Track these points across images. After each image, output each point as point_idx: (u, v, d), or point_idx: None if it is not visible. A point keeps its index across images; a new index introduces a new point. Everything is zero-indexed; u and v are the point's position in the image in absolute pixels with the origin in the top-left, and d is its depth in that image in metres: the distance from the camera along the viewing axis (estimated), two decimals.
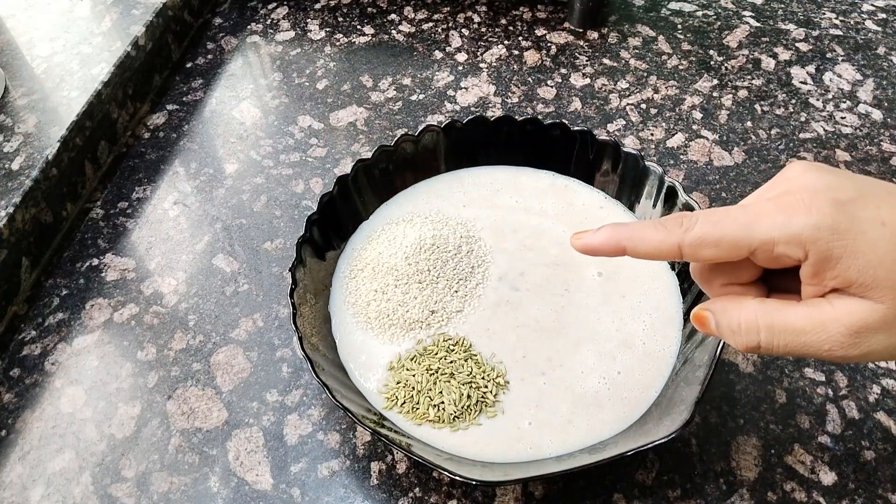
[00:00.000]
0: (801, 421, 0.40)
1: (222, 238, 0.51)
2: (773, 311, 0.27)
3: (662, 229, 0.29)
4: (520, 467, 0.37)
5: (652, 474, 0.38)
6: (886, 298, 0.25)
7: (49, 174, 0.50)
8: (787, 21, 0.67)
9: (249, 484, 0.39)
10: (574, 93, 0.61)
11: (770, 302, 0.28)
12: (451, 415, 0.39)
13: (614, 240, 0.30)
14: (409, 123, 0.59)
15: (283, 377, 0.43)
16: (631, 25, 0.68)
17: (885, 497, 0.37)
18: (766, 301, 0.28)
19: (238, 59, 0.67)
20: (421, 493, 0.38)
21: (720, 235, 0.27)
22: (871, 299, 0.25)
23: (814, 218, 0.25)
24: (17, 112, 0.54)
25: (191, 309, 0.47)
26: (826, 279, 0.25)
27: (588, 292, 0.44)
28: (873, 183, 0.27)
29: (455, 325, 0.43)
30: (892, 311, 0.25)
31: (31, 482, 0.39)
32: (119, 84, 0.58)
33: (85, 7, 0.64)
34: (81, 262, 0.50)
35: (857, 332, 0.25)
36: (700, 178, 0.53)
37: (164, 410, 0.42)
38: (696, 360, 0.38)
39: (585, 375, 0.40)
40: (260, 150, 0.58)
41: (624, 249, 0.30)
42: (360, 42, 0.67)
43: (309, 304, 0.42)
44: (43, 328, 0.46)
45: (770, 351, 0.27)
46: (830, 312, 0.26)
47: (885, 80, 0.61)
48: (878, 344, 0.25)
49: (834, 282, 0.25)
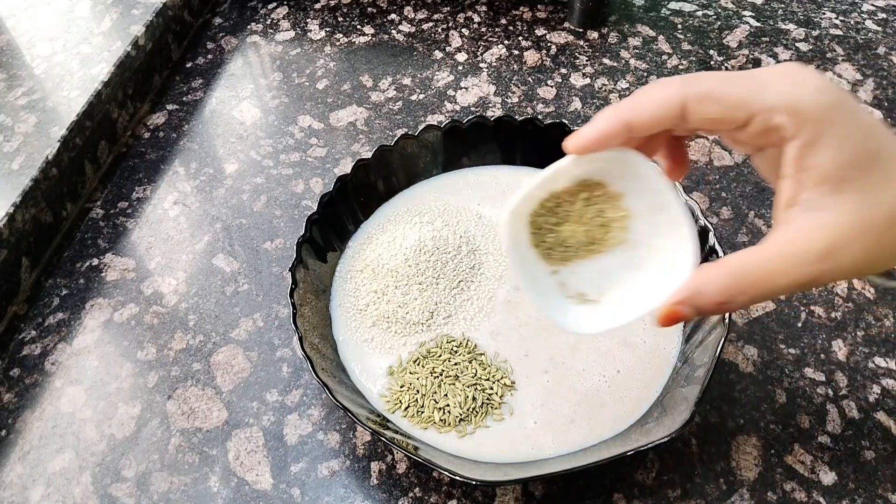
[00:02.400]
0: (801, 421, 0.40)
1: (222, 238, 0.51)
2: (750, 267, 0.27)
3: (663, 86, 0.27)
4: (520, 467, 0.37)
5: (652, 474, 0.38)
6: (850, 204, 0.25)
7: (49, 174, 0.50)
8: (787, 21, 0.67)
9: (249, 484, 0.39)
10: (574, 93, 0.61)
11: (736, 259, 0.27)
12: (456, 418, 0.39)
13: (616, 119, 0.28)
14: (409, 123, 0.59)
15: (283, 377, 0.43)
16: (631, 25, 0.68)
17: (885, 497, 0.37)
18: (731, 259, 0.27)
19: (238, 59, 0.67)
20: (421, 493, 0.38)
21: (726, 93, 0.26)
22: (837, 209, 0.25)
23: (821, 97, 0.25)
24: (17, 112, 0.54)
25: (191, 309, 0.47)
26: (804, 167, 0.25)
27: None
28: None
29: (456, 326, 0.43)
30: (859, 221, 0.25)
31: (31, 482, 0.39)
32: (119, 84, 0.58)
33: (85, 7, 0.64)
34: (81, 262, 0.50)
35: (830, 252, 0.25)
36: (700, 178, 0.53)
37: (164, 410, 0.42)
38: (696, 360, 0.38)
39: (586, 373, 0.40)
40: (260, 150, 0.58)
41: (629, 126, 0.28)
42: (360, 42, 0.67)
43: (309, 305, 0.42)
44: (43, 328, 0.46)
45: (755, 302, 0.27)
46: (802, 242, 0.26)
47: (885, 80, 0.61)
48: (850, 262, 0.25)
49: (811, 173, 0.25)
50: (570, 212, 0.33)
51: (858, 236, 0.25)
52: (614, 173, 0.32)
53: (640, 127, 0.28)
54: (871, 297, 0.45)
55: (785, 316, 0.44)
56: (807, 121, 0.25)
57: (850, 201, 0.25)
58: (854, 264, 0.26)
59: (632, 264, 0.33)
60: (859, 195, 0.25)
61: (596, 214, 0.33)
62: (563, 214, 0.33)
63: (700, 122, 0.27)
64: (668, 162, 0.33)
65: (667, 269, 0.31)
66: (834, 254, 0.25)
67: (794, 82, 0.26)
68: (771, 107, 0.25)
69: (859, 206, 0.25)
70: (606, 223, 0.33)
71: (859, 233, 0.25)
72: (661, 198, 0.31)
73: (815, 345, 0.43)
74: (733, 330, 0.44)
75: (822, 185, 0.25)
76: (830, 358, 0.42)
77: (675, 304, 0.28)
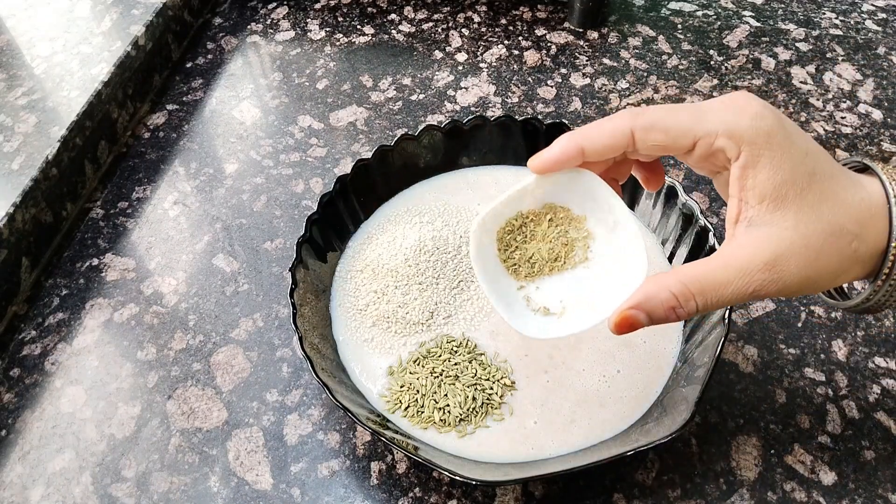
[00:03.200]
0: (801, 421, 0.40)
1: (222, 238, 0.51)
2: (699, 275, 0.29)
3: (616, 118, 0.30)
4: (520, 467, 0.37)
5: (652, 474, 0.38)
6: (789, 220, 0.27)
7: (49, 174, 0.50)
8: (787, 21, 0.67)
9: (249, 484, 0.39)
10: (574, 93, 0.61)
11: (687, 268, 0.30)
12: (456, 418, 0.39)
13: (571, 144, 0.31)
14: (409, 123, 0.59)
15: (283, 377, 0.43)
16: (631, 25, 0.68)
17: (885, 497, 0.37)
18: (682, 270, 0.30)
19: (238, 59, 0.67)
20: (421, 493, 0.38)
21: (671, 123, 0.29)
22: (777, 224, 0.28)
23: (757, 122, 0.27)
24: (17, 112, 0.54)
25: (191, 309, 0.47)
26: (747, 186, 0.28)
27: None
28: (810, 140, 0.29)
29: (456, 326, 0.43)
30: (798, 235, 0.27)
31: (31, 482, 0.39)
32: (119, 84, 0.58)
33: (85, 7, 0.64)
34: (81, 262, 0.50)
35: (773, 264, 0.28)
36: (700, 178, 0.53)
37: (164, 410, 0.42)
38: (696, 360, 0.38)
39: (586, 373, 0.40)
40: (260, 150, 0.58)
41: (582, 150, 0.31)
42: (360, 42, 0.67)
43: (309, 305, 0.42)
44: (43, 328, 0.46)
45: (706, 310, 0.29)
46: (746, 254, 0.28)
47: (885, 80, 0.61)
48: (793, 275, 0.28)
49: (752, 192, 0.28)
50: (536, 231, 0.37)
51: (798, 250, 0.27)
52: (576, 199, 0.35)
53: (593, 152, 0.31)
54: None
55: (785, 316, 0.44)
56: (745, 144, 0.27)
57: (789, 217, 0.27)
58: (797, 278, 0.28)
59: (593, 279, 0.36)
60: (797, 212, 0.27)
61: (560, 234, 0.36)
62: (529, 234, 0.37)
63: (648, 148, 0.30)
64: (644, 174, 0.36)
65: (625, 281, 0.34)
66: (775, 266, 0.28)
67: (734, 109, 0.28)
68: (712, 132, 0.28)
69: (796, 223, 0.27)
70: (569, 242, 0.37)
71: (798, 247, 0.27)
72: (614, 216, 0.35)
73: (815, 345, 0.43)
74: (733, 330, 0.44)
75: (762, 203, 0.28)
76: (830, 358, 0.42)
77: (627, 310, 0.30)
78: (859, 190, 0.29)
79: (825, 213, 0.28)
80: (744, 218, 0.29)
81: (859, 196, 0.29)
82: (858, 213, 0.28)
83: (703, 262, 0.30)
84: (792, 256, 0.28)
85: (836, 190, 0.28)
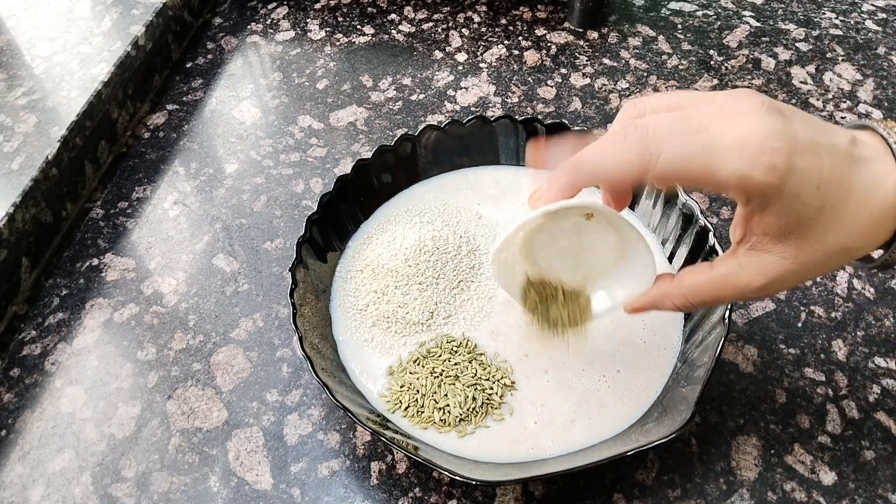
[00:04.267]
0: (801, 421, 0.40)
1: (222, 238, 0.51)
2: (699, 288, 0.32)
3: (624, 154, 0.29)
4: (520, 467, 0.37)
5: (652, 474, 0.38)
6: (790, 251, 0.28)
7: (49, 174, 0.50)
8: (787, 21, 0.67)
9: (249, 484, 0.39)
10: (574, 93, 0.61)
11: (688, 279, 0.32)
12: (456, 418, 0.39)
13: (573, 186, 0.31)
14: (409, 123, 0.59)
15: (283, 377, 0.43)
16: (631, 25, 0.68)
17: (885, 497, 0.37)
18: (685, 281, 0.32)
19: (238, 59, 0.67)
20: (421, 493, 0.38)
21: (686, 174, 0.28)
22: (778, 253, 0.29)
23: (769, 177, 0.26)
24: (17, 112, 0.54)
25: (191, 309, 0.47)
26: (751, 224, 0.29)
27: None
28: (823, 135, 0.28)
29: (456, 326, 0.43)
30: (797, 265, 0.29)
31: (31, 482, 0.39)
32: (119, 84, 0.58)
33: (85, 7, 0.64)
34: (81, 262, 0.50)
35: (767, 287, 0.30)
36: None
37: (164, 410, 0.42)
38: (696, 360, 0.38)
39: (586, 373, 0.40)
40: (260, 150, 0.58)
41: (580, 189, 0.32)
42: (360, 42, 0.67)
43: (309, 305, 0.42)
44: (43, 328, 0.46)
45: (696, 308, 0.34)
46: (744, 278, 0.30)
47: (885, 80, 0.61)
48: (784, 288, 0.31)
49: (756, 228, 0.29)
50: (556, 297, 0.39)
51: (794, 275, 0.29)
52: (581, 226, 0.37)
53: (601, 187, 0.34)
54: (871, 297, 0.45)
55: (785, 316, 0.44)
56: (755, 196, 0.28)
57: (791, 249, 0.28)
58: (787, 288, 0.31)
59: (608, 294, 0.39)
60: (799, 244, 0.28)
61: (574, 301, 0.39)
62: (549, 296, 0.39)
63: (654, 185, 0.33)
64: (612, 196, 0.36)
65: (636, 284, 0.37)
66: (771, 287, 0.30)
67: (749, 156, 0.26)
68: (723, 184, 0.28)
69: (797, 253, 0.28)
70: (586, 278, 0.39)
71: (795, 273, 0.29)
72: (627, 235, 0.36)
73: (815, 345, 0.43)
74: (733, 330, 0.44)
75: (766, 236, 0.29)
76: (830, 358, 0.42)
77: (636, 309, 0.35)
78: (872, 195, 0.27)
79: (830, 240, 0.28)
80: (747, 242, 0.30)
81: (870, 208, 0.27)
82: (868, 227, 0.28)
83: (704, 273, 0.32)
84: (787, 280, 0.29)
85: (844, 215, 0.27)
